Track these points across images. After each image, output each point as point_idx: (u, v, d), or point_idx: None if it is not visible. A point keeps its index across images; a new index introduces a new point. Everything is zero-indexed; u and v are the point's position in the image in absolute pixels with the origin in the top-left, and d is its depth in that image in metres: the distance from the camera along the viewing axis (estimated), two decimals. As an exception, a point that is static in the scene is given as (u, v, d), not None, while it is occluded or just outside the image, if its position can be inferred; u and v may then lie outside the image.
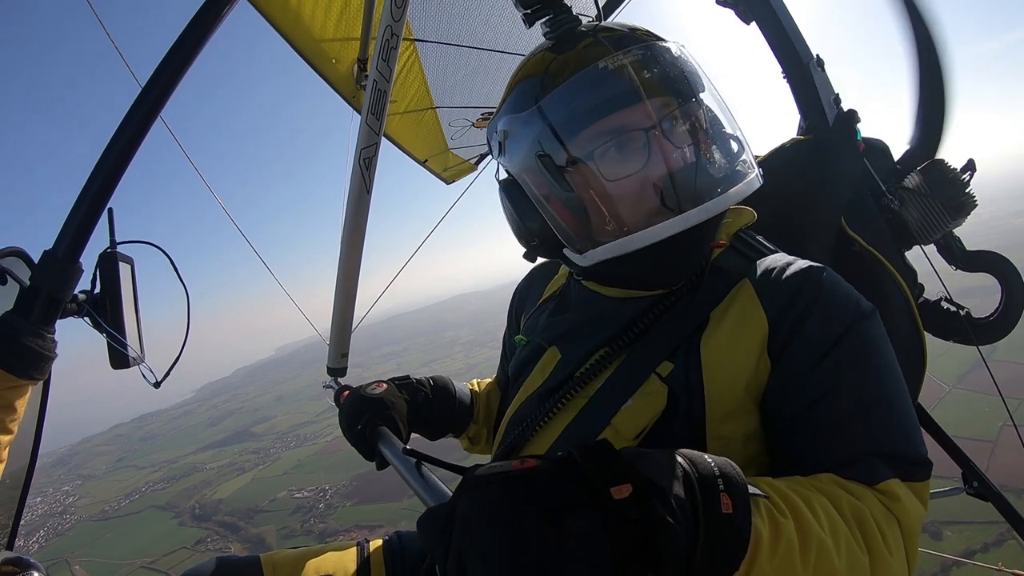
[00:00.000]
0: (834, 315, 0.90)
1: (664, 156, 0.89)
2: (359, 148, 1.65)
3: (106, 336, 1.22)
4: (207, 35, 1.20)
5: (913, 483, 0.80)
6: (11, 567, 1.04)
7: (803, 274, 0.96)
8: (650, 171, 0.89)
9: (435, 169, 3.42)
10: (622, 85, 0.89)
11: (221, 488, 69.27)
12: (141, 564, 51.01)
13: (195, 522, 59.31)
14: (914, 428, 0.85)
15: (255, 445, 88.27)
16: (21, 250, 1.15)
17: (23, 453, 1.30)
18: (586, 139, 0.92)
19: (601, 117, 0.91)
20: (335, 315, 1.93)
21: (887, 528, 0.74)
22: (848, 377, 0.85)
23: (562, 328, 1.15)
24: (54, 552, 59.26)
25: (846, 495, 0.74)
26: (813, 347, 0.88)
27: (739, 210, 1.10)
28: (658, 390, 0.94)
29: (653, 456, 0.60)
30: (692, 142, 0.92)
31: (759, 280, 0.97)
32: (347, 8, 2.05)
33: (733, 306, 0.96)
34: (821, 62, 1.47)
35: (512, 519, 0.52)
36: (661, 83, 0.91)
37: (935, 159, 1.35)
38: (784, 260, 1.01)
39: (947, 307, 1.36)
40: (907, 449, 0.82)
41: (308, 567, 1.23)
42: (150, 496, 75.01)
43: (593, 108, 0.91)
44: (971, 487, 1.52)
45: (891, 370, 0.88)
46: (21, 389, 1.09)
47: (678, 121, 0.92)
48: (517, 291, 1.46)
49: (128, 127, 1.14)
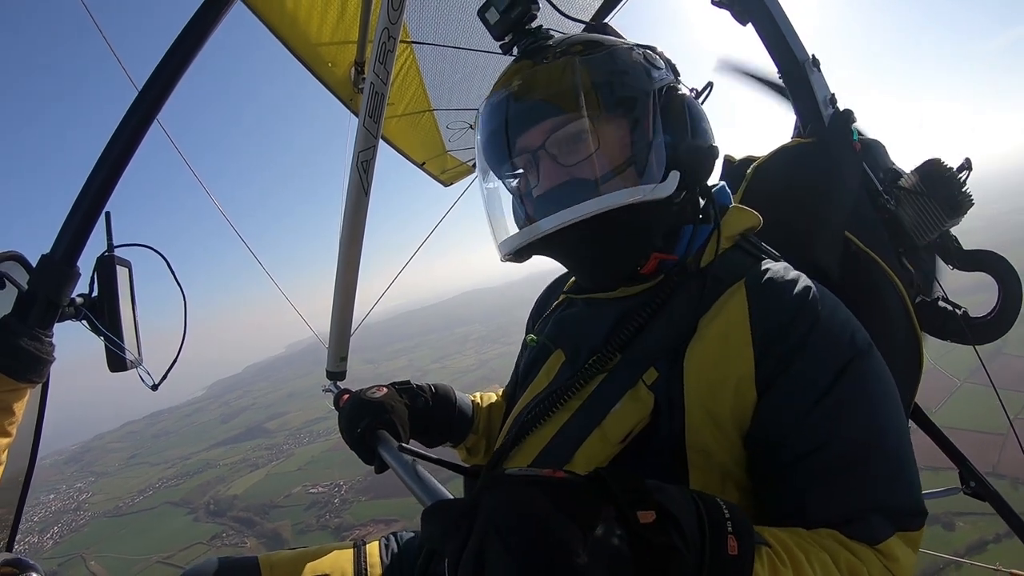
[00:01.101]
0: (830, 354, 0.87)
1: (539, 178, 1.03)
2: (357, 151, 1.64)
3: (104, 339, 1.23)
4: (204, 38, 1.20)
5: (910, 533, 0.82)
6: (10, 568, 1.04)
7: (799, 300, 0.92)
8: (526, 191, 1.08)
9: (433, 171, 3.41)
10: (505, 112, 1.06)
11: (235, 484, 69.40)
12: (157, 560, 51.07)
13: (210, 518, 59.44)
14: (913, 475, 0.86)
15: (268, 441, 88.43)
16: (19, 254, 1.16)
17: (22, 456, 1.31)
18: (482, 159, 1.16)
19: (495, 143, 1.09)
20: (334, 318, 1.93)
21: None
22: (847, 423, 0.84)
23: (564, 329, 1.17)
24: (69, 548, 59.37)
25: (845, 553, 0.76)
26: (808, 388, 0.85)
27: (742, 211, 1.10)
28: (644, 396, 0.94)
29: (669, 489, 0.61)
30: (559, 162, 1.01)
31: (752, 293, 0.95)
32: (344, 11, 2.05)
33: (720, 316, 0.94)
34: (817, 62, 1.47)
35: (544, 518, 0.52)
36: (545, 105, 1.02)
37: (931, 158, 1.35)
38: (781, 274, 0.97)
39: (944, 306, 1.35)
40: (908, 502, 0.83)
41: (306, 568, 1.24)
42: (164, 492, 75.14)
43: (488, 134, 1.10)
44: (968, 487, 1.52)
45: (892, 413, 0.87)
46: (19, 392, 1.10)
47: (537, 147, 1.03)
48: (538, 300, 1.47)
49: (125, 130, 1.15)
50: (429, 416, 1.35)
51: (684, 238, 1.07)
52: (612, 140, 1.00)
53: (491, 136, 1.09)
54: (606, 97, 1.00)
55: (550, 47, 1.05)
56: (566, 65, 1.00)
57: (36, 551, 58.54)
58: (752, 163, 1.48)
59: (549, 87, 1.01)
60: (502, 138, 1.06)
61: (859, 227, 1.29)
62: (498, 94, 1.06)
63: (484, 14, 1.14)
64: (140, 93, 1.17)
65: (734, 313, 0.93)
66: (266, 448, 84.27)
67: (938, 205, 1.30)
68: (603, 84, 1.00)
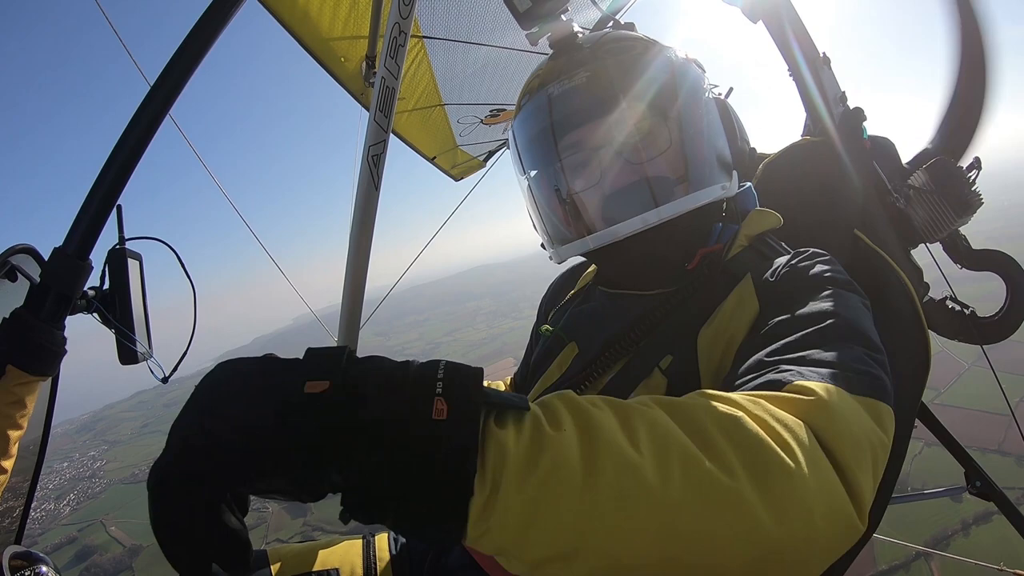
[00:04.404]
0: (807, 271, 0.90)
1: (601, 174, 1.01)
2: (368, 145, 1.64)
3: (115, 332, 1.23)
4: (216, 34, 1.20)
5: (855, 395, 0.64)
6: (20, 561, 1.05)
7: (796, 253, 0.97)
8: (587, 189, 1.03)
9: (444, 166, 3.42)
10: (559, 112, 1.04)
11: None
12: None
13: None
14: (866, 350, 0.73)
15: None
16: (31, 247, 1.17)
17: (32, 448, 1.32)
18: (531, 160, 1.13)
19: (544, 141, 1.07)
20: (343, 313, 1.92)
21: (784, 433, 0.55)
22: (795, 309, 0.80)
23: (582, 323, 1.17)
24: (87, 514, 59.33)
25: (712, 404, 0.57)
26: (780, 299, 0.87)
27: (763, 213, 1.12)
28: (658, 383, 0.95)
29: (379, 361, 0.53)
30: (628, 159, 1.00)
31: (759, 275, 0.97)
32: (355, 6, 2.05)
33: (730, 298, 0.97)
34: (827, 60, 1.46)
35: (232, 373, 0.52)
36: (594, 108, 1.00)
37: (941, 157, 1.33)
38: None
39: (952, 306, 1.36)
40: (844, 358, 0.69)
41: (316, 560, 1.25)
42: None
43: (538, 133, 1.07)
44: (974, 486, 1.52)
45: (852, 308, 0.80)
46: (31, 385, 1.11)
47: (607, 143, 1.01)
48: (551, 287, 1.48)
49: (138, 125, 1.15)
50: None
51: (714, 235, 1.09)
52: (682, 138, 1.01)
53: (547, 129, 1.06)
54: (671, 95, 1.01)
55: (582, 43, 1.07)
56: (630, 60, 1.01)
57: (54, 518, 58.97)
58: (762, 160, 1.48)
59: (614, 81, 1.01)
60: (550, 135, 1.05)
61: (868, 225, 1.29)
62: (557, 84, 1.04)
63: (512, 1, 1.13)
64: (153, 88, 1.17)
65: (744, 292, 0.96)
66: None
67: (947, 204, 1.29)
68: (668, 82, 1.02)
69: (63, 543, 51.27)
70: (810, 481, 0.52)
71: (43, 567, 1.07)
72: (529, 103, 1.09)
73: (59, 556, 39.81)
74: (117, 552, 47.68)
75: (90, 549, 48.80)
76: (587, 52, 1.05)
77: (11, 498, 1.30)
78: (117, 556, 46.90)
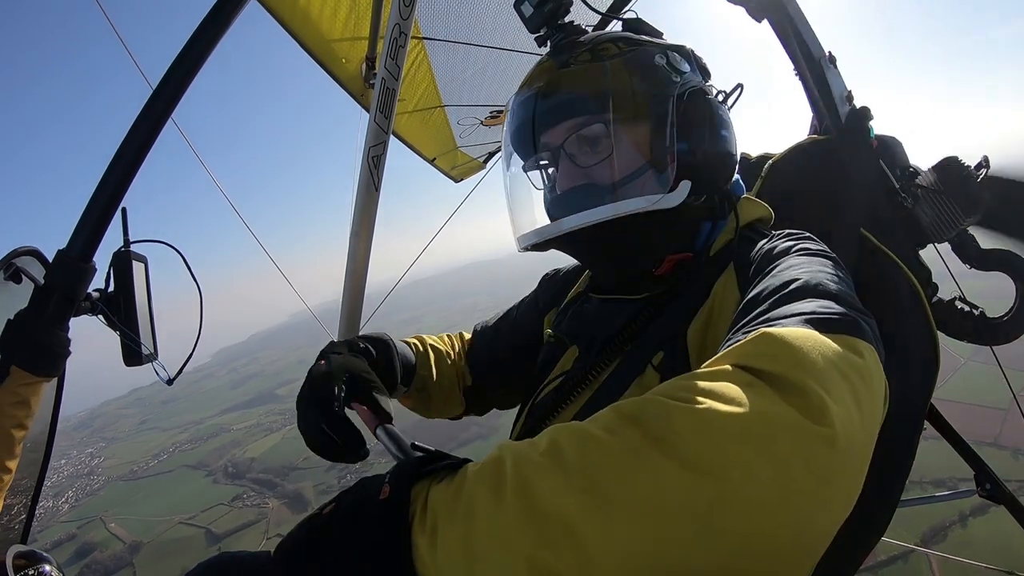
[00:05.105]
0: (779, 248, 0.90)
1: (560, 171, 1.04)
2: (368, 147, 1.64)
3: (120, 334, 1.24)
4: (218, 37, 1.21)
5: (826, 334, 0.62)
6: (23, 560, 1.06)
7: (773, 235, 0.98)
8: (542, 189, 1.12)
9: (443, 168, 3.42)
10: (520, 116, 1.08)
11: (252, 447, 69.09)
12: (180, 520, 50.89)
13: (229, 480, 59.15)
14: (835, 297, 0.71)
15: (280, 407, 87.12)
16: (36, 249, 1.17)
17: (37, 448, 1.33)
18: (504, 158, 1.18)
19: (508, 143, 1.14)
20: (343, 316, 1.92)
21: (703, 384, 0.55)
22: (767, 284, 0.79)
23: (581, 327, 1.18)
24: (86, 511, 59.43)
25: (633, 400, 0.56)
26: (754, 280, 0.85)
27: (751, 202, 1.12)
28: (650, 380, 0.96)
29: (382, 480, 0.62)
30: (575, 163, 1.02)
31: (741, 263, 0.96)
32: (355, 7, 2.05)
33: (716, 289, 0.97)
34: (833, 59, 1.46)
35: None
36: (567, 106, 1.02)
37: (948, 156, 1.33)
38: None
39: (961, 307, 1.34)
40: (809, 307, 0.68)
41: None
42: (180, 456, 74.87)
43: (508, 134, 1.13)
44: (984, 489, 1.51)
45: (822, 271, 0.78)
46: (35, 386, 1.11)
47: (554, 147, 1.04)
48: (556, 281, 1.45)
49: (140, 128, 1.16)
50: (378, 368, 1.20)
51: (703, 235, 1.08)
52: (628, 145, 1.00)
53: (517, 130, 1.11)
54: (625, 101, 0.99)
55: (580, 43, 1.06)
56: (588, 67, 1.02)
57: (52, 515, 58.98)
58: (768, 160, 1.47)
59: (572, 87, 1.03)
60: (528, 133, 1.08)
61: (875, 225, 1.29)
62: (527, 89, 1.08)
63: (520, 7, 1.16)
64: (155, 91, 1.17)
65: (727, 280, 0.96)
66: (279, 413, 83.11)
67: (955, 204, 1.28)
68: (623, 88, 0.99)
69: (63, 540, 51.33)
70: (735, 420, 0.50)
71: (46, 566, 1.07)
72: (512, 104, 1.13)
73: (59, 553, 39.75)
74: (118, 548, 47.75)
75: (90, 546, 48.85)
76: (562, 58, 1.06)
77: (16, 498, 1.31)
78: (118, 552, 46.97)
